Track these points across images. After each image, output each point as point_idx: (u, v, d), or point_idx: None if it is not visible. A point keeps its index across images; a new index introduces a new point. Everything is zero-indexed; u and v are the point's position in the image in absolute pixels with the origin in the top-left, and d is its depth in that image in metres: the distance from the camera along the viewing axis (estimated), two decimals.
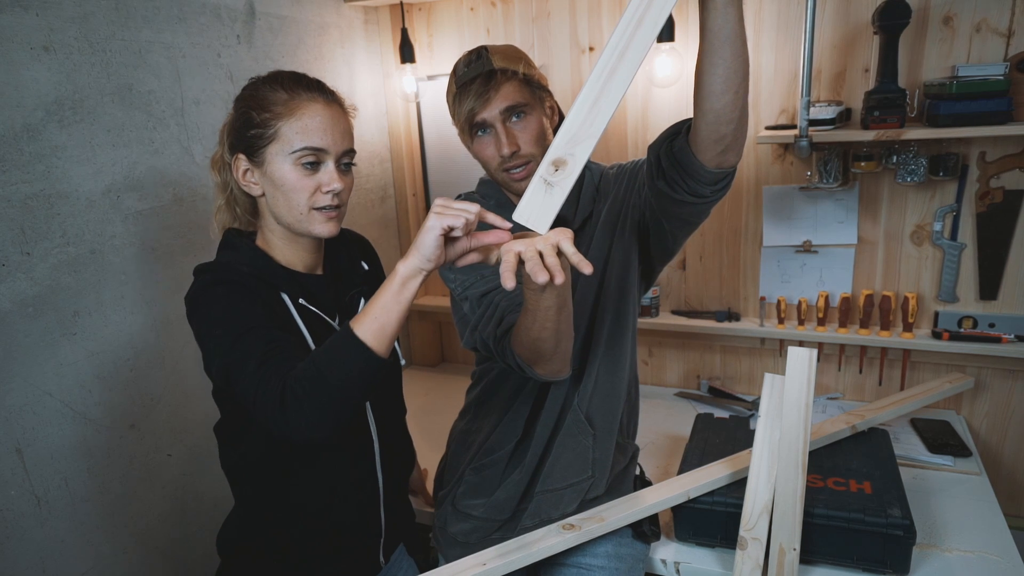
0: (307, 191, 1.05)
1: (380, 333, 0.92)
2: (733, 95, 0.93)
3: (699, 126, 0.98)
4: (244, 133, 1.06)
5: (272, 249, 1.12)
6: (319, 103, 1.06)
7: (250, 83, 1.10)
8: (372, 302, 0.93)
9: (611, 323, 1.27)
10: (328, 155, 1.05)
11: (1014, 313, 1.71)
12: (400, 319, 0.93)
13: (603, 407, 1.29)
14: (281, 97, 1.04)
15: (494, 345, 1.16)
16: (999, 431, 1.79)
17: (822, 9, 1.68)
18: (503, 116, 1.17)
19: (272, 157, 1.04)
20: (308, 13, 1.89)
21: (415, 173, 2.32)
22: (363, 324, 0.92)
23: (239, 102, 1.09)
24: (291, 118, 1.03)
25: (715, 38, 0.89)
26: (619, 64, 0.83)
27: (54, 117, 1.26)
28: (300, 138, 1.03)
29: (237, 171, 1.08)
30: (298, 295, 1.10)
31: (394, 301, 0.92)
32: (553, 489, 1.28)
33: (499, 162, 1.19)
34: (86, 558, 1.35)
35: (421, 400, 1.54)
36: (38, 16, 1.22)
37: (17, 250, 1.21)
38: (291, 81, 1.07)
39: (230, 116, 1.11)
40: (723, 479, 1.33)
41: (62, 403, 1.29)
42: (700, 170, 1.01)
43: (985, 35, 1.58)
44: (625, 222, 1.25)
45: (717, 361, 2.08)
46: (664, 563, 1.35)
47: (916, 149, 1.64)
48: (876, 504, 1.24)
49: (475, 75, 1.17)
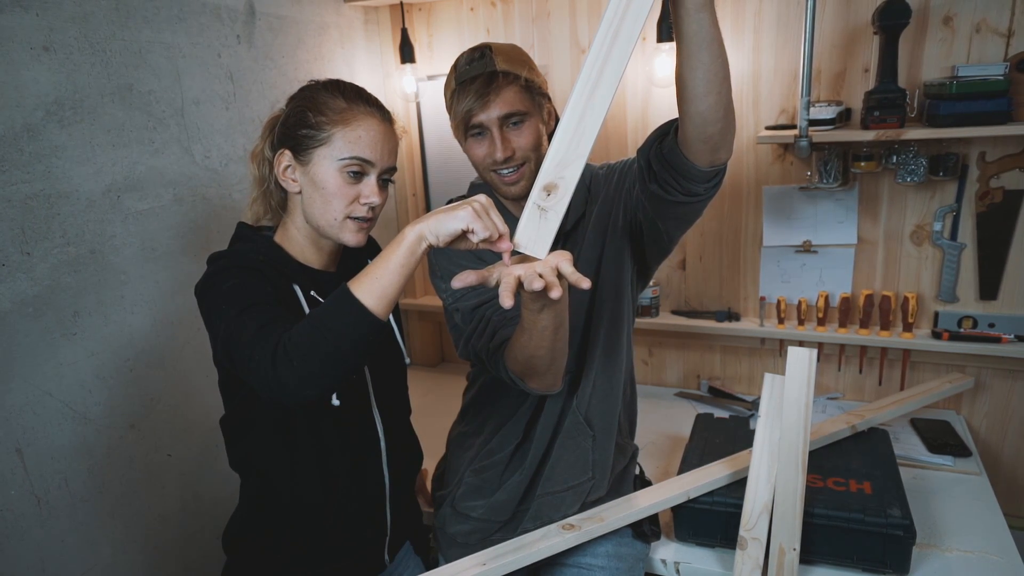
0: (347, 199, 1.06)
1: (381, 295, 0.90)
2: (716, 96, 0.93)
3: (686, 128, 0.98)
4: (296, 130, 1.08)
5: (291, 244, 1.14)
6: (375, 119, 1.08)
7: (310, 84, 1.12)
8: (374, 264, 0.91)
9: (607, 324, 1.27)
10: (373, 168, 1.07)
11: (1014, 313, 1.71)
12: (401, 283, 0.91)
13: (601, 408, 1.29)
14: (340, 105, 1.07)
15: (487, 358, 1.17)
16: (999, 431, 1.79)
17: (822, 9, 1.67)
18: (500, 121, 1.14)
19: (319, 159, 1.06)
20: (308, 13, 1.90)
21: (415, 173, 2.32)
22: (363, 284, 0.90)
23: (296, 101, 1.11)
24: (346, 127, 1.05)
25: (691, 42, 0.89)
26: (599, 81, 0.86)
27: (54, 117, 1.26)
28: (351, 147, 1.05)
29: (279, 165, 1.10)
30: (310, 287, 1.11)
31: (397, 264, 0.90)
32: (554, 491, 1.28)
33: (490, 163, 1.17)
34: (86, 558, 1.35)
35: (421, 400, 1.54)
36: (38, 16, 1.22)
37: (17, 250, 1.21)
38: (352, 92, 1.10)
39: (280, 112, 1.13)
40: (723, 479, 1.33)
41: (62, 403, 1.29)
42: (692, 170, 1.01)
43: (985, 35, 1.58)
44: (616, 223, 1.25)
45: (717, 361, 2.08)
46: (664, 563, 1.35)
47: (916, 149, 1.64)
48: (876, 504, 1.24)
49: (476, 74, 1.14)
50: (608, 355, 1.28)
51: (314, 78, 1.15)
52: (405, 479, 1.29)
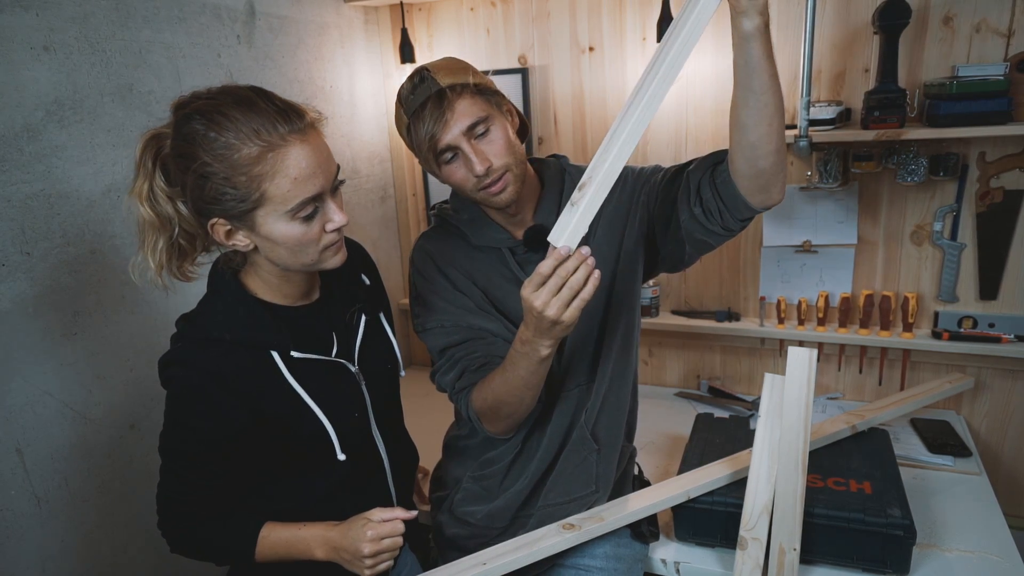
0: (314, 240, 0.96)
1: (271, 557, 1.07)
2: (767, 128, 0.93)
3: (736, 160, 0.99)
4: (218, 201, 0.91)
5: (262, 285, 1.05)
6: (295, 144, 0.90)
7: (192, 131, 0.89)
8: (293, 542, 1.06)
9: (621, 338, 1.25)
10: (325, 194, 0.95)
11: (1014, 313, 1.71)
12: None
13: (608, 422, 1.28)
14: (250, 154, 0.88)
15: (451, 395, 1.20)
16: (999, 431, 1.79)
17: (822, 9, 1.67)
18: (467, 135, 1.09)
19: (264, 219, 0.93)
20: (308, 13, 1.89)
21: (415, 172, 2.32)
22: (273, 543, 1.06)
23: (194, 163, 0.89)
24: (274, 176, 0.89)
25: (740, 70, 0.92)
26: (637, 94, 0.92)
27: (54, 117, 1.26)
28: (292, 194, 0.91)
29: (217, 234, 0.95)
30: (288, 347, 1.03)
31: (295, 557, 1.07)
32: (556, 503, 1.26)
33: (474, 183, 1.11)
34: (86, 558, 1.35)
35: (420, 402, 1.54)
36: (38, 16, 1.22)
37: (17, 250, 1.21)
38: (249, 125, 0.88)
39: (160, 133, 0.95)
40: (723, 479, 1.33)
41: (62, 403, 1.29)
42: (742, 205, 1.02)
43: (985, 35, 1.57)
44: (632, 234, 1.22)
45: (717, 361, 2.08)
46: (664, 563, 1.35)
47: (916, 149, 1.64)
48: (876, 504, 1.24)
49: (424, 99, 1.08)
50: (619, 371, 1.27)
51: (183, 97, 0.93)
52: (407, 487, 1.29)
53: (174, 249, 1.00)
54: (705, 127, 1.88)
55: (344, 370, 1.12)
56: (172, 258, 1.00)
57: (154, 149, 0.96)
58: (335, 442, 1.08)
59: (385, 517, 1.04)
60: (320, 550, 1.06)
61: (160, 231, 0.98)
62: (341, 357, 1.12)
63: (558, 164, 1.28)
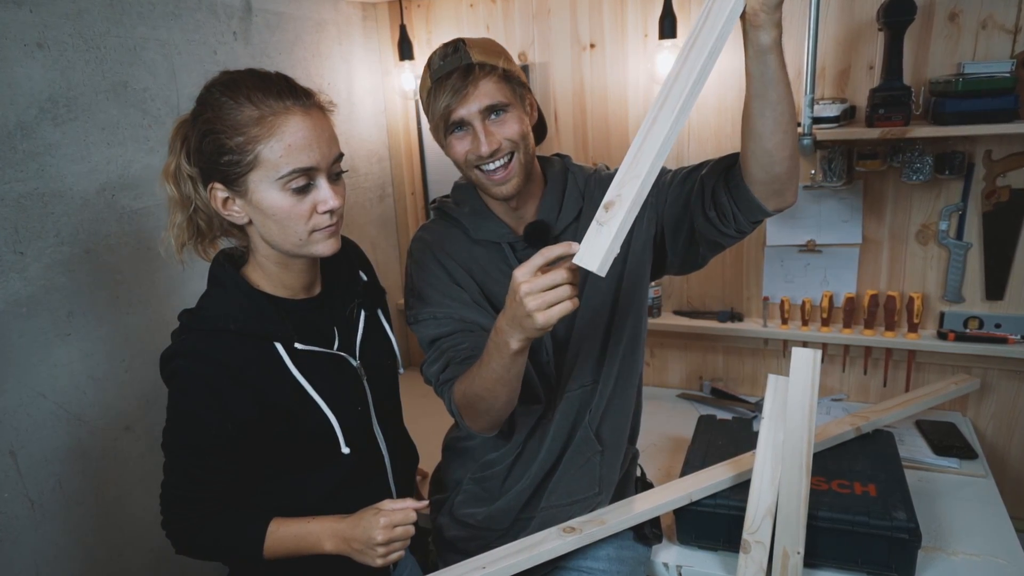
0: (303, 217, 0.97)
1: (281, 552, 1.05)
2: (782, 135, 0.95)
3: (750, 166, 0.99)
4: (216, 160, 0.95)
5: (264, 276, 1.06)
6: (297, 113, 0.94)
7: (208, 96, 0.97)
8: (304, 536, 1.04)
9: (627, 341, 1.25)
10: (319, 171, 0.96)
11: (1021, 313, 1.69)
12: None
13: (613, 424, 1.27)
14: (251, 115, 0.93)
15: (436, 386, 1.18)
16: (1005, 433, 1.77)
17: (826, 6, 1.66)
18: (482, 115, 1.09)
19: (255, 185, 0.95)
20: (305, 9, 1.88)
21: (414, 171, 2.30)
22: (281, 537, 1.04)
23: (201, 122, 0.96)
24: (270, 138, 0.92)
25: (757, 82, 0.92)
26: (663, 105, 0.89)
27: (48, 115, 1.24)
28: (285, 161, 0.93)
29: (215, 201, 0.99)
30: (292, 339, 1.04)
31: (306, 552, 1.05)
32: (559, 505, 1.26)
33: (474, 159, 1.11)
34: (80, 561, 1.34)
35: (419, 402, 1.53)
36: (32, 12, 1.21)
37: (10, 250, 1.19)
38: (257, 91, 0.94)
39: (192, 133, 0.99)
40: (726, 481, 1.31)
41: (56, 404, 1.28)
42: (757, 209, 1.03)
43: (991, 32, 1.56)
44: (640, 236, 1.21)
45: (720, 362, 2.06)
46: (666, 566, 1.33)
47: (921, 147, 1.62)
48: (881, 507, 1.23)
49: (452, 69, 1.08)
50: (625, 371, 1.26)
51: (212, 76, 1.00)
52: (408, 486, 1.28)
53: (193, 227, 1.04)
54: (707, 125, 1.87)
55: (346, 364, 1.12)
56: (193, 236, 1.05)
57: (184, 131, 1.01)
58: (339, 435, 1.07)
59: (397, 507, 1.03)
60: (330, 542, 1.04)
61: (182, 209, 1.03)
62: (343, 351, 1.12)
63: (562, 163, 1.28)
